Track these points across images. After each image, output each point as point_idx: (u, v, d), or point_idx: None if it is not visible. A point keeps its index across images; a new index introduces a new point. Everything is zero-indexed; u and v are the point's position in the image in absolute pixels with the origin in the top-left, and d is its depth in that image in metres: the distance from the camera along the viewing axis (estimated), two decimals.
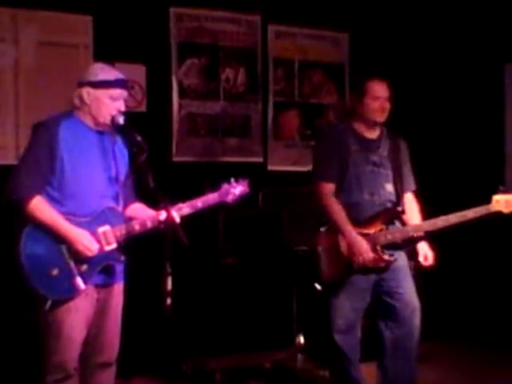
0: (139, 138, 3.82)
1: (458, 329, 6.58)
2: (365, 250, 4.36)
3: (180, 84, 5.98)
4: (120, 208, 3.80)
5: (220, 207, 4.16)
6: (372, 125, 4.50)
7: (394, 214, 4.47)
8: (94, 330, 3.77)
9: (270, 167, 6.36)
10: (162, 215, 3.74)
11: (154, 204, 3.82)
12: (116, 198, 3.79)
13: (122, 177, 3.83)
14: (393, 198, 4.51)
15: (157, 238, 3.84)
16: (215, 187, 3.98)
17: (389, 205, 4.49)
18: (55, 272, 3.58)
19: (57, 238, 3.59)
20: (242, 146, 6.31)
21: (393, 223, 4.50)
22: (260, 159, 6.39)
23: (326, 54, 6.70)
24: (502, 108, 6.70)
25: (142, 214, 3.86)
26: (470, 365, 5.95)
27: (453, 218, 4.36)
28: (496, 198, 4.35)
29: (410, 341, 4.46)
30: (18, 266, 3.56)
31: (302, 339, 5.78)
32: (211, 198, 3.93)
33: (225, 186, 3.95)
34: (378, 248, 4.40)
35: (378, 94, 4.44)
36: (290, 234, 5.80)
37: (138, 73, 5.62)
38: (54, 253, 3.59)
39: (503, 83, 6.69)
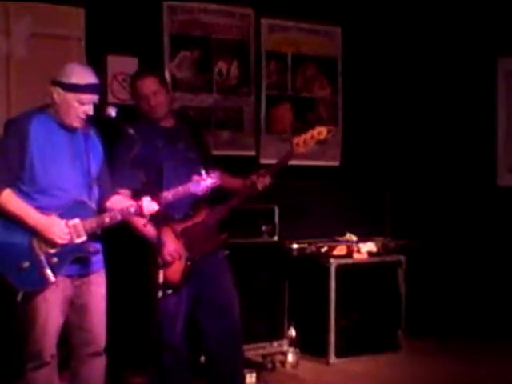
0: (131, 131, 3.86)
1: (450, 325, 6.62)
2: None
3: (172, 77, 5.95)
4: (92, 203, 3.82)
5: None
6: None
7: None
8: (78, 321, 3.81)
9: (262, 160, 6.35)
10: (133, 208, 3.79)
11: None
12: (88, 193, 3.81)
13: (94, 171, 3.85)
14: None
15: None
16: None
17: None
18: (26, 265, 3.63)
19: (28, 230, 3.63)
20: (235, 140, 6.30)
21: None
22: (252, 152, 6.39)
23: (318, 48, 6.68)
24: (494, 102, 6.72)
25: (121, 205, 3.89)
26: (463, 360, 5.98)
27: None
28: (295, 141, 4.51)
29: None
30: None
31: (293, 332, 5.79)
32: (181, 190, 3.97)
33: (196, 178, 3.98)
34: None
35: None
36: (282, 228, 5.80)
37: (130, 65, 5.59)
38: (24, 246, 3.64)
39: (495, 77, 6.70)
